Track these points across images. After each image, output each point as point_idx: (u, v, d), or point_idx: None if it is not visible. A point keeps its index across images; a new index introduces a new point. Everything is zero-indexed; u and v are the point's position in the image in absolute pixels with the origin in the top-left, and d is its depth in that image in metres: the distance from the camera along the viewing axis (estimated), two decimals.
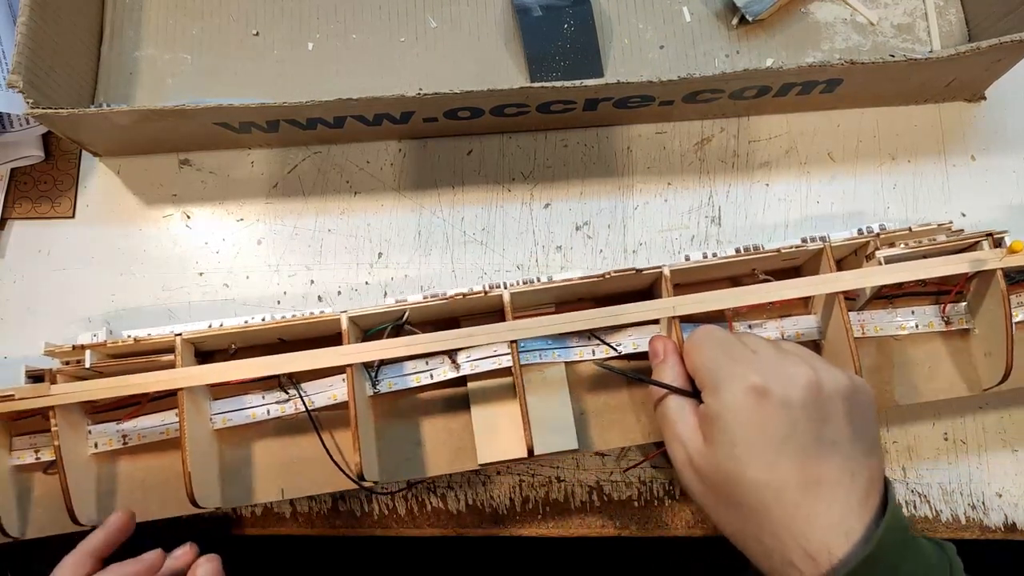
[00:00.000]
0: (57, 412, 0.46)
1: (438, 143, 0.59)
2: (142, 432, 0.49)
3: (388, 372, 0.49)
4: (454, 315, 0.51)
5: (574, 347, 0.50)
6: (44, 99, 0.51)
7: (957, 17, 0.60)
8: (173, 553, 0.45)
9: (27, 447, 0.49)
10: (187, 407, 0.46)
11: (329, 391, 0.49)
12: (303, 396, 0.49)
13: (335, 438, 0.50)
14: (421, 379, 0.49)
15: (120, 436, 0.49)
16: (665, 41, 0.60)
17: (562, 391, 0.49)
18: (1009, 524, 0.53)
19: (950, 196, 0.57)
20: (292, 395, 0.49)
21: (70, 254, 0.59)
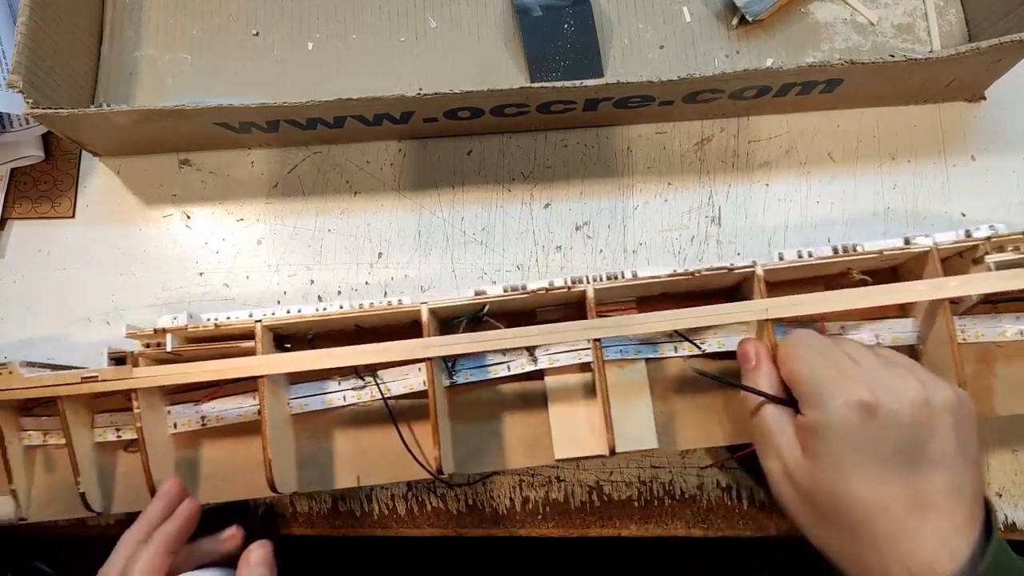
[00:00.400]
0: (139, 395, 0.47)
1: (438, 143, 0.59)
2: (220, 414, 0.49)
3: (465, 363, 0.49)
4: (530, 308, 0.51)
5: (657, 344, 0.49)
6: (44, 99, 0.51)
7: (957, 17, 0.60)
8: (219, 535, 0.45)
9: (108, 425, 0.50)
10: (267, 395, 0.46)
11: (405, 380, 0.48)
12: (379, 384, 0.49)
13: (411, 427, 0.49)
14: (499, 371, 0.48)
15: (199, 417, 0.50)
16: (665, 41, 0.60)
17: (643, 389, 0.48)
18: (1009, 524, 0.53)
19: (950, 196, 0.57)
20: (368, 382, 0.49)
21: (70, 254, 0.59)
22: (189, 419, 0.50)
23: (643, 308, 0.49)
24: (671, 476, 0.54)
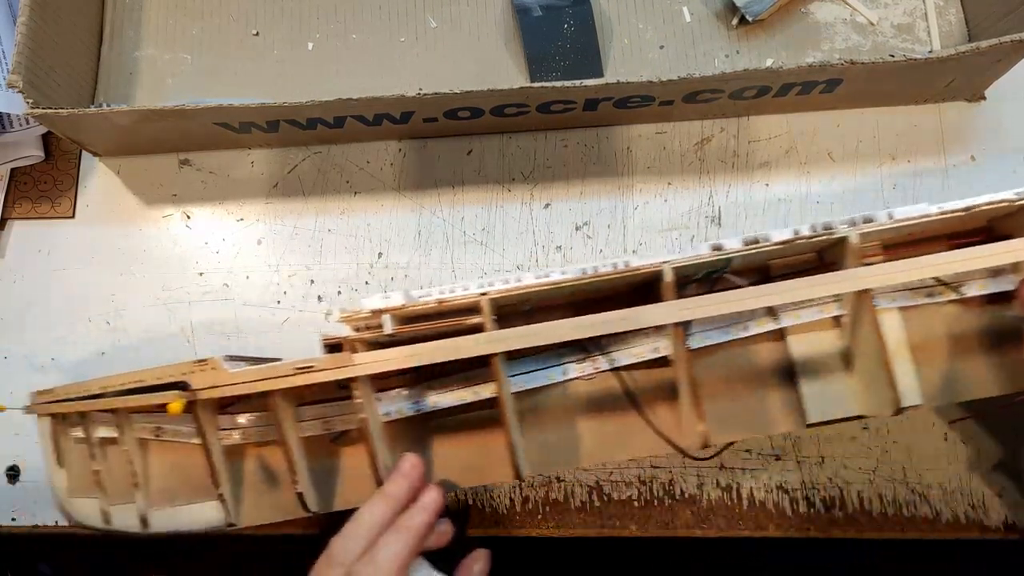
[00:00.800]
0: (360, 383, 0.43)
1: (438, 143, 0.59)
2: (436, 400, 0.45)
3: (698, 326, 0.44)
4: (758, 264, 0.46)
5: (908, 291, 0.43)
6: (44, 99, 0.51)
7: (957, 17, 0.60)
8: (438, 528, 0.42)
9: (316, 417, 0.46)
10: (501, 373, 0.42)
11: (633, 348, 0.44)
12: (603, 353, 0.44)
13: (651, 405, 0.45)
14: (738, 331, 0.44)
15: (412, 405, 0.46)
16: (665, 41, 0.60)
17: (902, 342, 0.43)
18: (1009, 524, 0.53)
19: (950, 196, 0.57)
20: (592, 353, 0.45)
21: (70, 254, 0.59)
22: (401, 407, 0.45)
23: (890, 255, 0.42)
24: (671, 476, 0.54)
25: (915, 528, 0.52)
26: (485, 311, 0.42)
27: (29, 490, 0.55)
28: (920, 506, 0.53)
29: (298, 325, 0.57)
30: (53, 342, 0.57)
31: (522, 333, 0.42)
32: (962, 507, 0.53)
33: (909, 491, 0.53)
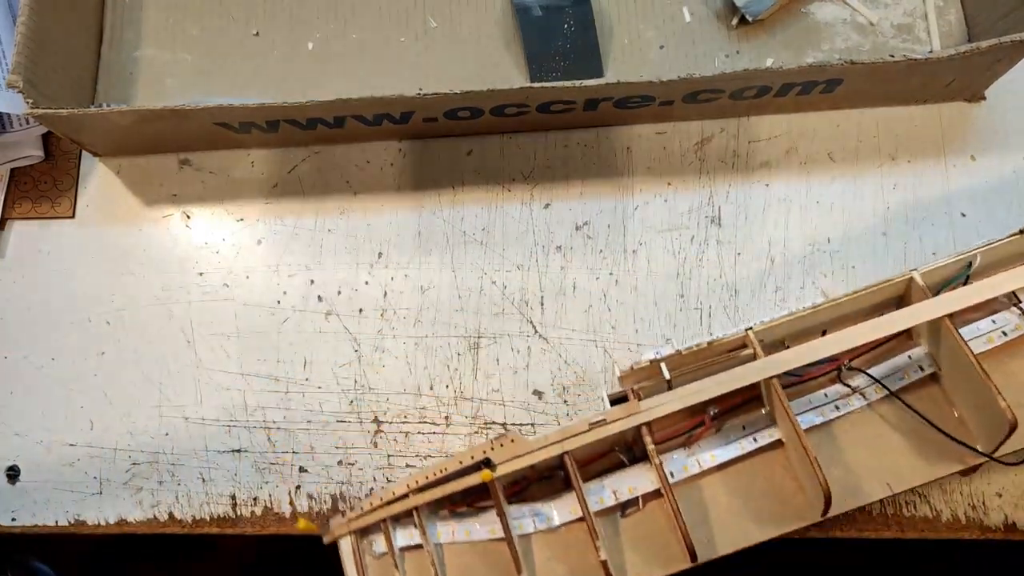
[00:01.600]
0: (651, 428, 0.45)
1: (438, 143, 0.59)
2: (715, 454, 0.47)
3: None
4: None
5: None
6: (44, 99, 0.51)
7: (957, 17, 0.60)
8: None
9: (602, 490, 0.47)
10: (784, 399, 0.44)
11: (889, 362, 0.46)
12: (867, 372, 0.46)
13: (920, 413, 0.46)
14: (994, 339, 0.46)
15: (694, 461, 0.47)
16: (665, 41, 0.60)
17: None
18: (1009, 524, 0.53)
19: (950, 196, 0.57)
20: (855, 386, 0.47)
21: (70, 254, 0.59)
22: (686, 465, 0.47)
23: None
24: None
25: (915, 528, 0.52)
26: (754, 341, 0.45)
27: (29, 490, 0.55)
28: (920, 506, 0.53)
29: (298, 325, 0.57)
30: (53, 342, 0.57)
31: (799, 352, 0.45)
32: (962, 507, 0.53)
33: (909, 491, 0.53)
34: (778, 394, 0.44)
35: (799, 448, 0.44)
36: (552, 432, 0.46)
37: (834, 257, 0.56)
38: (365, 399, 0.55)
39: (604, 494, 0.47)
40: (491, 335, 0.56)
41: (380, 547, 0.50)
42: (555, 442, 0.46)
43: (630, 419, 0.45)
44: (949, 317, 0.45)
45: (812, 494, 0.45)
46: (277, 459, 0.55)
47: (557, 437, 0.46)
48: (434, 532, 0.49)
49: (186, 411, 0.56)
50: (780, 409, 0.45)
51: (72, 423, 0.56)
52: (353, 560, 0.49)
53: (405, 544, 0.49)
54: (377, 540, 0.50)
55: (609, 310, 0.56)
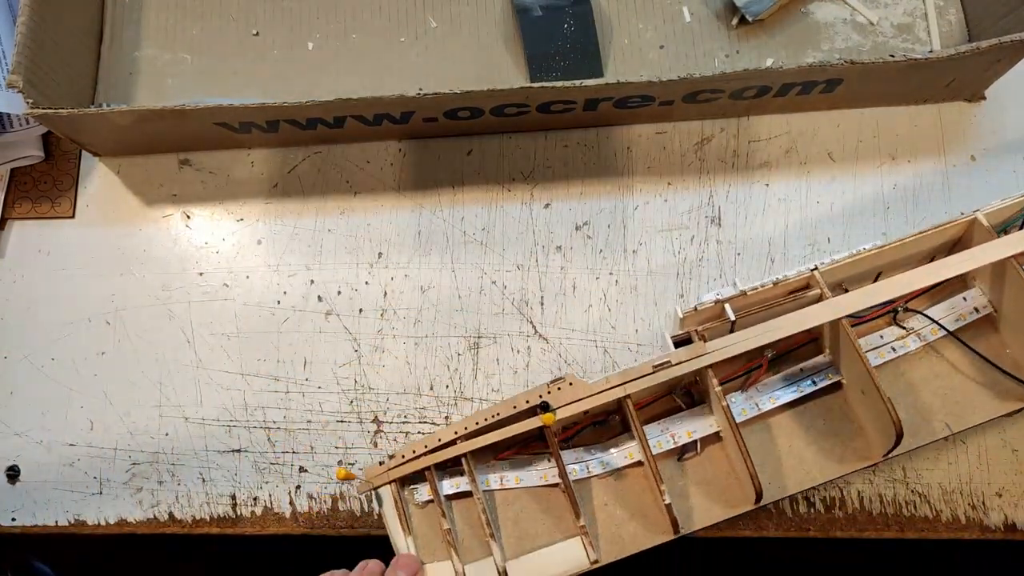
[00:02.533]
0: (712, 371, 0.44)
1: (438, 143, 0.59)
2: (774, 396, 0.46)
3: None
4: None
5: None
6: (44, 99, 0.51)
7: (957, 17, 0.60)
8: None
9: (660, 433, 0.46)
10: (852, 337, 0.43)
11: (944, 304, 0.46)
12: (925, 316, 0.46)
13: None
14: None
15: (753, 404, 0.46)
16: (665, 41, 0.60)
17: None
18: (1009, 524, 0.53)
19: (950, 196, 0.57)
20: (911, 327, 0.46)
21: (70, 254, 0.59)
22: (744, 408, 0.46)
23: None
24: None
25: (915, 528, 0.52)
26: (820, 282, 0.45)
27: (29, 490, 0.55)
28: (920, 506, 0.53)
29: (298, 325, 0.57)
30: (53, 342, 0.57)
31: (864, 293, 0.44)
32: (962, 507, 0.53)
33: (909, 491, 0.53)
34: (849, 335, 0.44)
35: (870, 387, 0.44)
36: (613, 375, 0.45)
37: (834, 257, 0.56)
38: (365, 399, 0.55)
39: (663, 438, 0.46)
40: (491, 335, 0.56)
41: (423, 495, 0.48)
42: (616, 385, 0.44)
43: (696, 361, 0.44)
44: (1015, 257, 0.45)
45: (879, 433, 0.44)
46: (277, 459, 0.55)
47: (618, 380, 0.45)
48: (483, 480, 0.47)
49: (186, 411, 0.56)
50: (849, 350, 0.44)
51: (72, 423, 0.56)
52: (396, 509, 0.47)
53: (451, 492, 0.48)
54: (420, 489, 0.48)
55: (609, 310, 0.56)
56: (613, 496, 0.47)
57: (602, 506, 0.47)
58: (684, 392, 0.48)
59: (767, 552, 0.67)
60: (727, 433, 0.45)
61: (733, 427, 0.44)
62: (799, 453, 0.46)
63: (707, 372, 0.45)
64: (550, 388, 0.46)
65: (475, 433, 0.46)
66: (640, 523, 0.46)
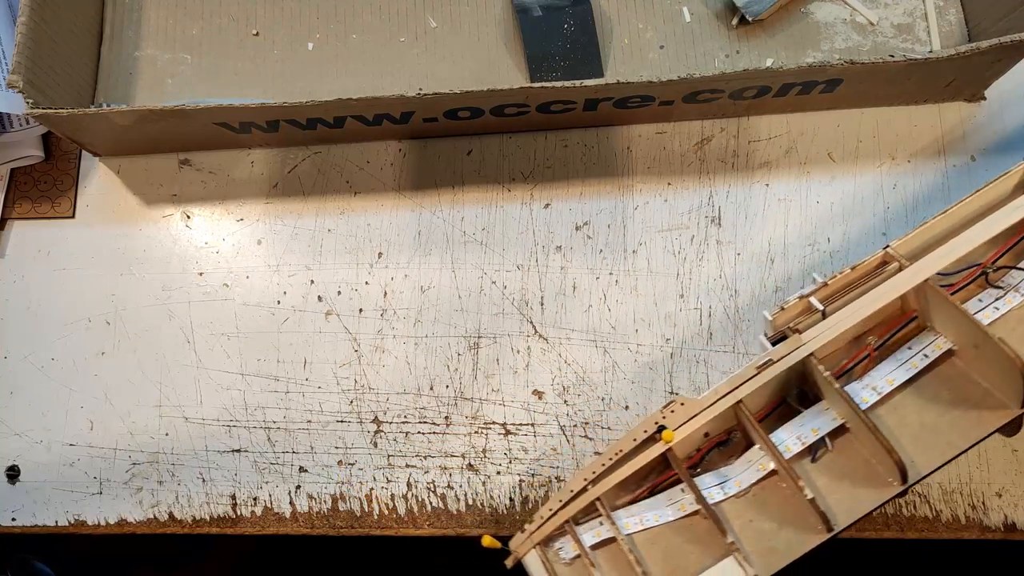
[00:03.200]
0: (818, 357, 0.44)
1: (438, 143, 0.59)
2: (891, 376, 0.45)
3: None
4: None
5: None
6: (44, 99, 0.52)
7: (957, 17, 0.60)
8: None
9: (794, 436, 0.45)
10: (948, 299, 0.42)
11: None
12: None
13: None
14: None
15: (871, 390, 0.45)
16: (665, 41, 0.60)
17: None
18: (1009, 524, 0.53)
19: (950, 196, 0.57)
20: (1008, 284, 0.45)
21: (70, 254, 0.59)
22: (863, 396, 0.45)
23: None
24: None
25: (915, 528, 0.52)
26: (897, 255, 0.45)
27: (29, 490, 0.55)
28: (920, 506, 0.53)
29: (298, 325, 0.57)
30: (53, 342, 0.57)
31: (945, 248, 0.43)
32: (962, 507, 0.53)
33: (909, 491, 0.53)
34: (940, 293, 0.43)
35: (981, 339, 0.42)
36: (720, 384, 0.45)
37: (834, 257, 0.56)
38: (365, 399, 0.55)
39: (789, 442, 0.45)
40: (491, 335, 0.56)
41: (568, 552, 0.47)
42: (726, 393, 0.44)
43: (796, 352, 0.44)
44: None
45: (1007, 382, 0.43)
46: (277, 459, 0.55)
47: (726, 388, 0.44)
48: (621, 524, 0.46)
49: (186, 411, 0.56)
50: (947, 310, 0.43)
51: (72, 423, 0.56)
52: (546, 573, 0.46)
53: (592, 542, 0.47)
54: (564, 546, 0.47)
55: (609, 310, 0.56)
56: (755, 512, 0.46)
57: (747, 524, 0.45)
58: (797, 395, 0.48)
59: None
60: (853, 420, 0.44)
61: (856, 411, 0.43)
62: (933, 426, 0.45)
63: (811, 360, 0.44)
64: (663, 412, 0.46)
65: (603, 475, 0.46)
66: (791, 530, 0.44)
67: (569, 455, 0.54)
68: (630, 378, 0.55)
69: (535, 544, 0.47)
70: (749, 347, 0.55)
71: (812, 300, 0.46)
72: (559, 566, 0.47)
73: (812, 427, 0.46)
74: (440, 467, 0.54)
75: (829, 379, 0.44)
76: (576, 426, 0.55)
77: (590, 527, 0.47)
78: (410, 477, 0.54)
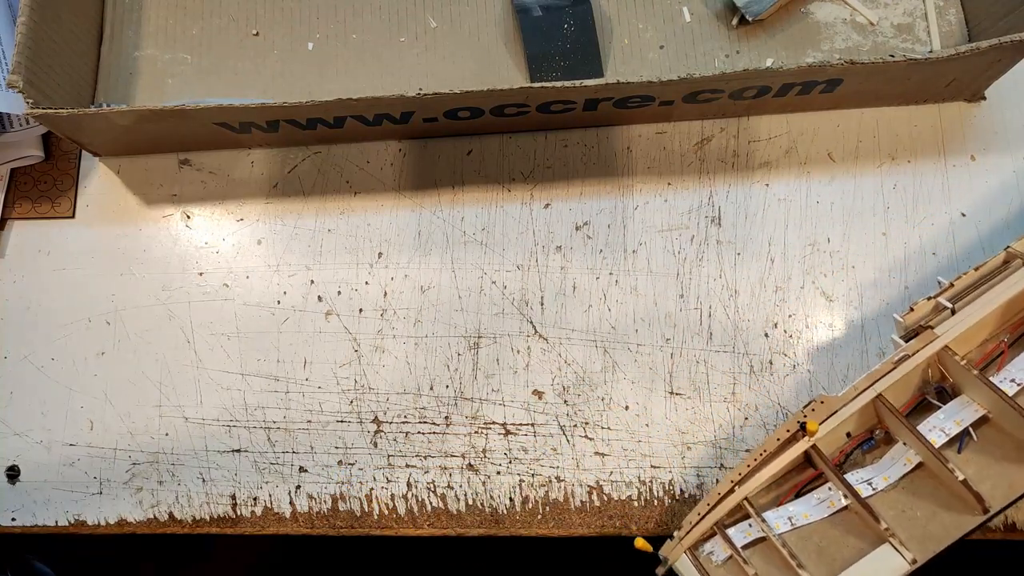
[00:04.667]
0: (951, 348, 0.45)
1: (438, 143, 0.59)
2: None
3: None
4: None
5: None
6: (44, 99, 0.52)
7: (957, 17, 0.60)
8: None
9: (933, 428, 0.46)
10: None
11: None
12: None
13: None
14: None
15: (1010, 382, 0.45)
16: (665, 41, 0.60)
17: None
18: (1009, 524, 0.53)
19: (950, 196, 0.57)
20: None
21: (70, 254, 0.59)
22: (1005, 388, 0.45)
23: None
24: (671, 476, 0.54)
25: None
26: (1019, 251, 0.46)
27: (29, 490, 0.55)
28: None
29: (298, 325, 0.57)
30: (53, 342, 0.57)
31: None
32: None
33: None
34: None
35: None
36: (858, 380, 0.46)
37: (834, 257, 0.56)
38: (365, 399, 0.55)
39: (933, 435, 0.46)
40: (491, 335, 0.56)
41: (720, 554, 0.47)
42: (865, 388, 0.45)
43: (931, 345, 0.45)
44: None
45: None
46: (277, 459, 0.55)
47: (865, 383, 0.45)
48: (771, 524, 0.47)
49: (186, 411, 0.56)
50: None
51: (72, 423, 0.56)
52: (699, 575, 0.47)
53: (744, 543, 0.47)
54: (715, 549, 0.48)
55: (609, 310, 0.56)
56: (906, 503, 0.46)
57: (899, 513, 0.46)
58: (936, 391, 0.48)
59: None
60: (996, 406, 0.44)
61: (1001, 395, 0.43)
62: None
63: (947, 352, 0.45)
64: (805, 412, 0.46)
65: (748, 476, 0.47)
66: (946, 515, 0.45)
67: (569, 455, 0.54)
68: (630, 378, 0.55)
69: (685, 549, 0.47)
70: (749, 347, 0.55)
71: (940, 300, 0.46)
72: (712, 568, 0.47)
73: (956, 419, 0.46)
74: (440, 467, 0.54)
75: (968, 367, 0.44)
76: (576, 426, 0.55)
77: (739, 529, 0.47)
78: (410, 477, 0.54)
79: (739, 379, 0.55)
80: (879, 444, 0.48)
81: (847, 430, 0.47)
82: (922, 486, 0.46)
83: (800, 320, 0.55)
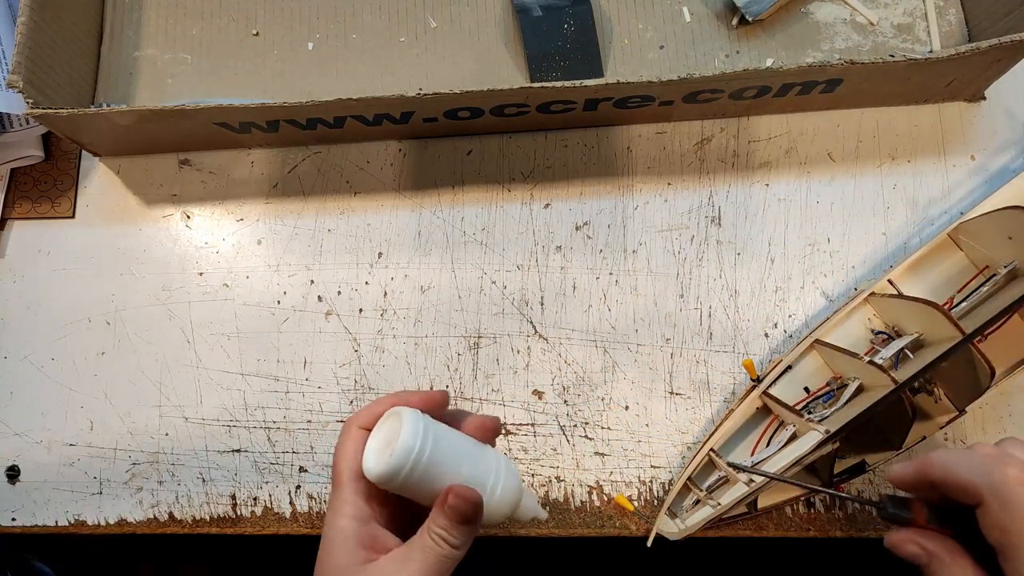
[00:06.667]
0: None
1: (438, 143, 0.59)
2: None
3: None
4: None
5: None
6: (44, 99, 0.52)
7: (957, 17, 0.60)
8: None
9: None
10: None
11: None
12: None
13: None
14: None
15: None
16: (665, 41, 0.60)
17: None
18: None
19: (950, 196, 0.57)
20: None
21: (70, 254, 0.59)
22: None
23: None
24: (671, 476, 0.54)
25: None
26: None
27: (29, 490, 0.55)
28: None
29: (298, 325, 0.57)
30: (53, 342, 0.57)
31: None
32: None
33: None
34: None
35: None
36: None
37: (834, 257, 0.56)
38: (365, 399, 0.55)
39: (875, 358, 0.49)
40: (491, 335, 0.56)
41: (692, 501, 0.52)
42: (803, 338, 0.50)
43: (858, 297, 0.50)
44: None
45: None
46: (277, 459, 0.55)
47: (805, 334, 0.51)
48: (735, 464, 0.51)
49: (186, 411, 0.56)
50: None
51: (72, 423, 0.56)
52: (676, 527, 0.51)
53: (710, 483, 0.51)
54: (687, 501, 0.52)
55: (609, 310, 0.56)
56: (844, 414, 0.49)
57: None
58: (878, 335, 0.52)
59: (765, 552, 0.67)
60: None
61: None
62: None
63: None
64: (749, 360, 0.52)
65: (713, 432, 0.51)
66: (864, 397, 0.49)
67: (569, 455, 0.54)
68: (630, 378, 0.55)
69: (665, 510, 0.52)
70: (749, 347, 0.55)
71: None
72: (684, 516, 0.51)
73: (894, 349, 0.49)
74: None
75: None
76: (576, 426, 0.55)
77: (706, 475, 0.52)
78: None
79: (739, 379, 0.55)
80: (837, 398, 0.51)
81: (804, 384, 0.52)
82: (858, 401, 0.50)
83: (800, 320, 0.55)
